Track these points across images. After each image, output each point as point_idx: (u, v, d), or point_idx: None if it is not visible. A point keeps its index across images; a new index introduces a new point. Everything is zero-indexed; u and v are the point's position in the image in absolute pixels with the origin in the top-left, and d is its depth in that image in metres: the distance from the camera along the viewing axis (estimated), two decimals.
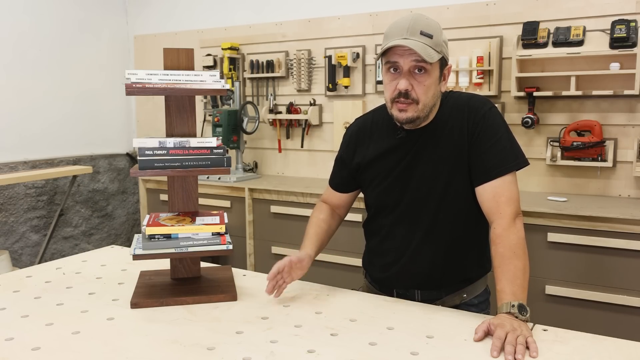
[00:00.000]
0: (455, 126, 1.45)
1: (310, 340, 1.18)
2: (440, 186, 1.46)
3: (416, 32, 1.34)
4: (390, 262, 1.56)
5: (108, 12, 4.26)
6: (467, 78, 2.99)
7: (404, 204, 1.51)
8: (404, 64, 1.36)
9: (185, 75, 1.44)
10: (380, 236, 1.59)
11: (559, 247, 2.47)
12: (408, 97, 1.37)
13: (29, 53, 3.70)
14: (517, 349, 1.10)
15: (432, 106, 1.43)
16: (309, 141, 3.64)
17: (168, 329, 1.25)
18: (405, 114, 1.39)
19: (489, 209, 1.41)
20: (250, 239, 3.33)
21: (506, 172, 1.39)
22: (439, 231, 1.50)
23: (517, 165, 1.41)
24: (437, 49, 1.35)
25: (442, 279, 1.53)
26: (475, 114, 1.43)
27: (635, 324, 2.33)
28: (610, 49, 2.64)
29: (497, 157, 1.40)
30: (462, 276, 1.55)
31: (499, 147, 1.41)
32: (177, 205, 1.55)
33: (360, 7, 3.38)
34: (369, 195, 1.60)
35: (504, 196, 1.38)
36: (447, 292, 1.54)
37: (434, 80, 1.39)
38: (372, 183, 1.57)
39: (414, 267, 1.52)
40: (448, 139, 1.45)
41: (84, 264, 1.76)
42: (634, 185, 2.75)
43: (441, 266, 1.52)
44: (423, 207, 1.49)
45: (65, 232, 3.96)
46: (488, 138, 1.41)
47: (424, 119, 1.44)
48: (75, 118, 4.02)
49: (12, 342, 1.18)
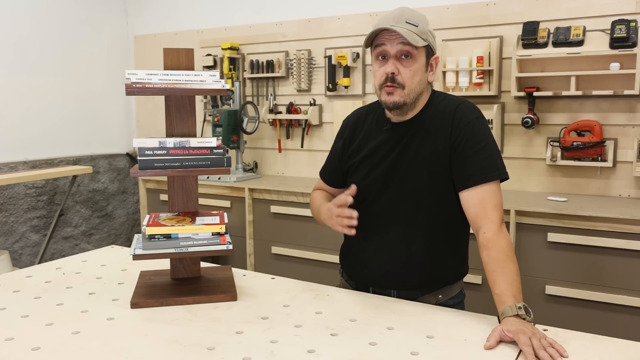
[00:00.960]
0: (441, 130, 1.47)
1: (310, 340, 1.18)
2: (421, 186, 1.47)
3: (402, 20, 1.41)
4: (367, 258, 1.56)
5: (108, 12, 4.26)
6: (467, 78, 2.99)
7: (385, 199, 1.52)
8: (390, 48, 1.42)
9: (185, 75, 1.43)
10: (358, 231, 1.55)
11: (559, 247, 2.47)
12: (394, 82, 1.43)
13: (30, 53, 3.70)
14: (549, 352, 1.10)
15: (419, 94, 1.47)
16: (309, 141, 3.64)
17: (168, 329, 1.25)
18: (392, 97, 1.44)
19: (476, 214, 1.41)
20: (250, 239, 3.33)
21: (491, 179, 1.41)
22: (419, 231, 1.50)
23: (500, 174, 1.43)
24: (423, 36, 1.42)
25: (420, 279, 1.52)
26: (460, 120, 1.46)
27: (635, 324, 2.33)
28: (610, 49, 2.64)
29: (483, 163, 1.42)
30: (440, 279, 1.55)
31: (484, 154, 1.43)
32: (177, 205, 1.55)
33: (360, 7, 3.38)
34: (351, 183, 1.58)
35: (490, 202, 1.40)
36: (424, 292, 1.54)
37: (420, 66, 1.44)
38: (355, 172, 1.58)
39: (393, 266, 1.52)
40: (432, 140, 1.48)
41: (84, 264, 1.76)
42: (634, 185, 2.75)
43: (419, 267, 1.51)
44: (403, 204, 1.50)
45: (65, 232, 3.96)
46: (473, 145, 1.43)
47: (411, 107, 1.48)
48: (76, 118, 4.02)
49: (12, 342, 1.18)
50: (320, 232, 2.92)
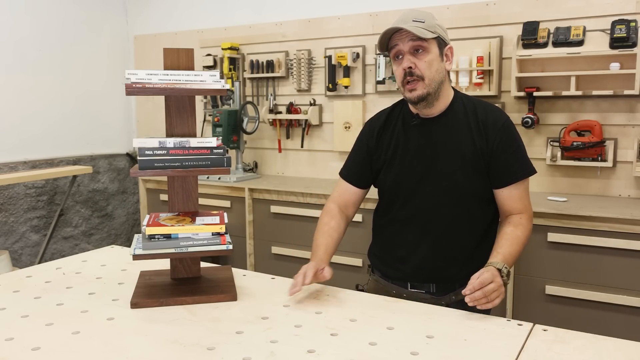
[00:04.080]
0: (473, 128, 1.55)
1: (310, 340, 1.18)
2: (461, 181, 1.54)
3: (409, 21, 1.49)
4: (404, 255, 1.61)
5: (108, 12, 4.26)
6: (467, 78, 2.99)
7: (421, 194, 1.57)
8: (403, 46, 1.50)
9: (185, 75, 1.43)
10: (394, 229, 1.64)
11: (559, 247, 2.47)
12: (413, 75, 1.50)
13: (29, 53, 3.70)
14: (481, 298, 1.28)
15: (440, 83, 1.53)
16: (309, 141, 3.64)
17: (168, 329, 1.25)
18: (415, 92, 1.51)
19: (511, 208, 1.56)
20: (250, 239, 3.33)
21: (526, 176, 1.57)
22: (457, 226, 1.57)
23: (532, 171, 1.58)
24: (431, 29, 1.49)
25: (458, 273, 1.57)
26: (496, 121, 1.56)
27: (635, 324, 2.33)
28: (610, 49, 2.64)
29: (519, 163, 1.55)
30: (475, 269, 1.57)
31: (519, 155, 1.56)
32: (177, 205, 1.55)
33: (360, 7, 3.38)
34: (384, 182, 1.65)
35: (527, 198, 1.59)
36: (462, 284, 1.55)
37: (434, 56, 1.51)
38: (388, 171, 1.62)
39: (432, 261, 1.58)
40: (465, 138, 1.55)
41: (84, 264, 1.76)
42: (634, 185, 2.75)
43: (459, 261, 1.58)
44: (442, 200, 1.56)
45: (65, 232, 3.96)
46: (509, 145, 1.55)
47: (435, 97, 1.53)
48: (75, 118, 4.02)
49: (12, 342, 1.18)
50: None
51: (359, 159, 1.71)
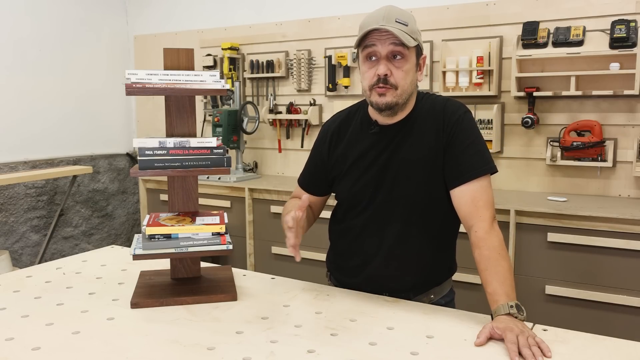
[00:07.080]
0: (432, 128, 1.45)
1: (310, 340, 1.18)
2: (416, 188, 1.45)
3: (392, 19, 1.36)
4: (359, 264, 1.54)
5: (108, 12, 4.26)
6: (467, 78, 2.99)
7: (376, 204, 1.49)
8: (381, 49, 1.37)
9: (185, 75, 1.43)
10: (350, 238, 1.56)
11: (559, 247, 2.47)
12: (387, 83, 1.38)
13: (30, 53, 3.70)
14: (533, 350, 1.09)
15: (410, 94, 1.43)
16: (309, 141, 3.64)
17: (168, 329, 1.25)
18: (384, 98, 1.39)
19: (468, 212, 1.40)
20: (250, 239, 3.33)
21: (482, 174, 1.40)
22: (413, 233, 1.48)
23: (491, 169, 1.42)
24: (413, 35, 1.38)
25: (414, 281, 1.51)
26: (450, 117, 1.44)
27: (635, 324, 2.33)
28: (610, 49, 2.65)
29: (473, 159, 1.41)
30: (433, 279, 1.55)
31: (474, 150, 1.42)
32: (177, 205, 1.55)
33: (360, 7, 3.37)
34: (340, 190, 1.57)
35: (481, 200, 1.39)
36: (417, 293, 1.53)
37: (411, 66, 1.40)
38: (344, 179, 1.54)
39: (386, 270, 1.50)
40: (423, 141, 1.45)
41: (84, 264, 1.76)
42: (634, 185, 2.75)
43: (414, 269, 1.50)
44: (396, 209, 1.47)
45: (65, 232, 3.96)
46: (462, 140, 1.42)
47: (401, 108, 1.44)
48: (76, 118, 4.02)
49: (12, 342, 1.18)
50: (320, 232, 2.90)
51: (312, 169, 1.64)
